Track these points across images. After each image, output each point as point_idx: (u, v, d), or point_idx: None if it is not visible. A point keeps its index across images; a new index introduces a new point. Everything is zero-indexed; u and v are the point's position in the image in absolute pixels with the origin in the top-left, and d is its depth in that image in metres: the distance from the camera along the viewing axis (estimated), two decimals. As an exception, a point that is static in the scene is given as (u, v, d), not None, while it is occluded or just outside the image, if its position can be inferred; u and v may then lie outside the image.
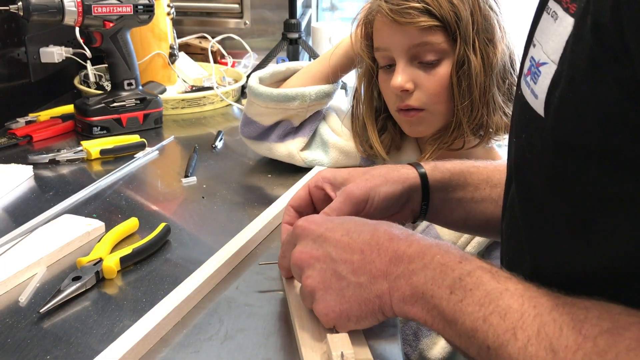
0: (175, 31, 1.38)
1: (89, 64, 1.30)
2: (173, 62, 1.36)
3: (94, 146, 1.01)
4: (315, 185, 0.65)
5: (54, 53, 1.23)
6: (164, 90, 1.31)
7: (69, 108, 1.17)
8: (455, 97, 0.81)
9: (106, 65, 1.16)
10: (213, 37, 1.51)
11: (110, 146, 1.03)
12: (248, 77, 1.17)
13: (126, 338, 0.53)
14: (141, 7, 1.12)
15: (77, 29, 1.12)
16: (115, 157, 1.02)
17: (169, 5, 1.34)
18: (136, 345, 0.52)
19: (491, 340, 0.40)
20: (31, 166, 0.94)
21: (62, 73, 1.35)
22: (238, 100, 1.38)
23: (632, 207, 0.36)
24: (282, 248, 0.60)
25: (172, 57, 1.35)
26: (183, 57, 1.44)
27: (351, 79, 1.01)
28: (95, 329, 0.57)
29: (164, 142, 1.09)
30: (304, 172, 0.96)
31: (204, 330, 0.57)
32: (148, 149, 1.04)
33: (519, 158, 0.46)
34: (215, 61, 1.51)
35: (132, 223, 0.76)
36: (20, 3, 0.97)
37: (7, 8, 0.98)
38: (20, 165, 0.94)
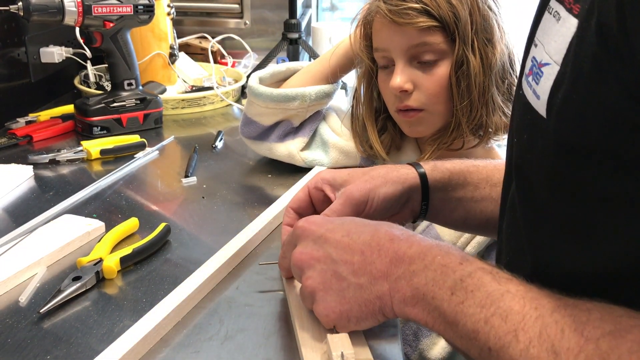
0: (175, 31, 1.38)
1: (89, 64, 1.30)
2: (173, 62, 1.36)
3: (94, 146, 1.01)
4: (315, 187, 0.65)
5: (54, 53, 1.23)
6: (164, 90, 1.31)
7: (69, 108, 1.17)
8: (455, 98, 0.81)
9: (106, 65, 1.16)
10: (213, 37, 1.51)
11: (111, 146, 1.03)
12: (248, 77, 1.16)
13: (126, 338, 0.53)
14: (141, 7, 1.12)
15: (77, 29, 1.12)
16: (116, 157, 1.02)
17: (169, 5, 1.34)
18: (136, 346, 0.52)
19: (492, 342, 0.40)
20: (31, 166, 0.94)
21: (62, 73, 1.35)
22: (238, 100, 1.38)
23: (633, 208, 0.36)
24: (282, 248, 0.60)
25: (172, 57, 1.35)
26: (183, 57, 1.44)
27: (351, 79, 1.01)
28: (95, 329, 0.57)
29: (164, 142, 1.09)
30: (304, 172, 0.96)
31: (204, 331, 0.57)
32: (148, 149, 1.04)
33: (520, 158, 0.46)
34: (216, 61, 1.51)
35: (132, 223, 0.76)
36: (20, 3, 0.97)
37: (7, 8, 0.98)
38: (21, 165, 0.94)
